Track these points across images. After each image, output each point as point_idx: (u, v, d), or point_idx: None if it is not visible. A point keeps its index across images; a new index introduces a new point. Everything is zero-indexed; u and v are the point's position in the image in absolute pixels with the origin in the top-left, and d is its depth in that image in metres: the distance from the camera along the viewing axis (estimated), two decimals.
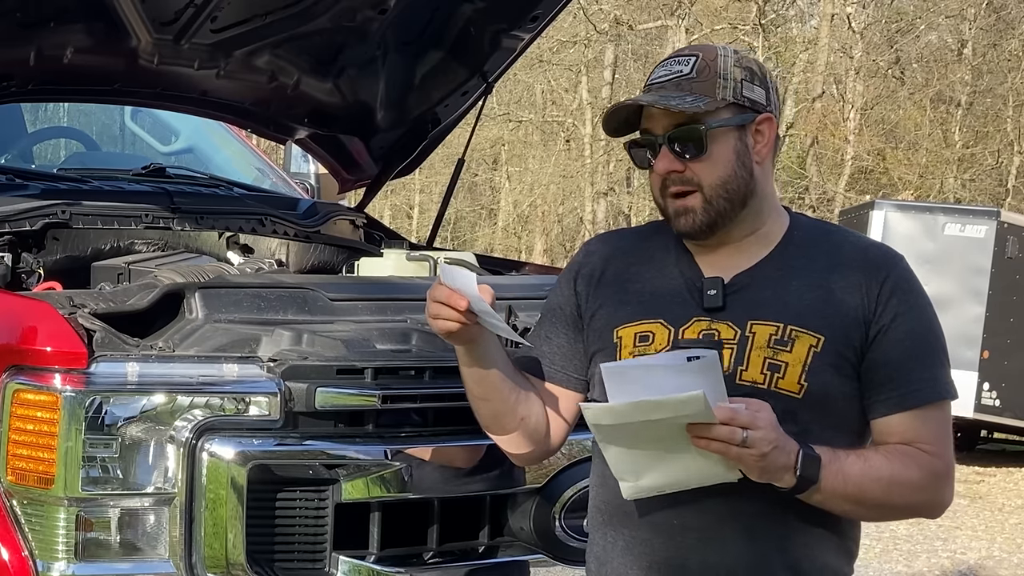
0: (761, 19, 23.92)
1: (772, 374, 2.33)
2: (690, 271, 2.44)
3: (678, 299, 2.41)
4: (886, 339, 2.34)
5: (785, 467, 2.23)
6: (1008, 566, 8.55)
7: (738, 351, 2.34)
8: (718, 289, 2.38)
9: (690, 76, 2.36)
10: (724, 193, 2.37)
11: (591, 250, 2.59)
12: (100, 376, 3.10)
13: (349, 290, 3.80)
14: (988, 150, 25.48)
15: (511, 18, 4.59)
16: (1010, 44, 24.95)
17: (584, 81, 25.65)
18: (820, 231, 2.49)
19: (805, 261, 2.41)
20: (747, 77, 2.39)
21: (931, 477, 2.37)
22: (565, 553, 3.52)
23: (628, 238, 2.63)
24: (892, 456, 2.34)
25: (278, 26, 4.43)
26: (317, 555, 3.25)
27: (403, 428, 3.38)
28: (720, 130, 2.36)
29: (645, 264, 2.49)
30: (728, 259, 2.42)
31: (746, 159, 2.38)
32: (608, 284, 2.51)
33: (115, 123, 5.87)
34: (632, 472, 2.28)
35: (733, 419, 2.17)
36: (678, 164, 2.37)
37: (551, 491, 3.50)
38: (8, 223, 4.02)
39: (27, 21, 4.13)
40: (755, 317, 2.35)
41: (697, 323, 2.38)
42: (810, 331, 2.33)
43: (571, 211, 26.63)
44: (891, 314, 2.35)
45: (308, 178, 5.69)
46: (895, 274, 2.39)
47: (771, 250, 2.43)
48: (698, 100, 2.34)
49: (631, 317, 2.44)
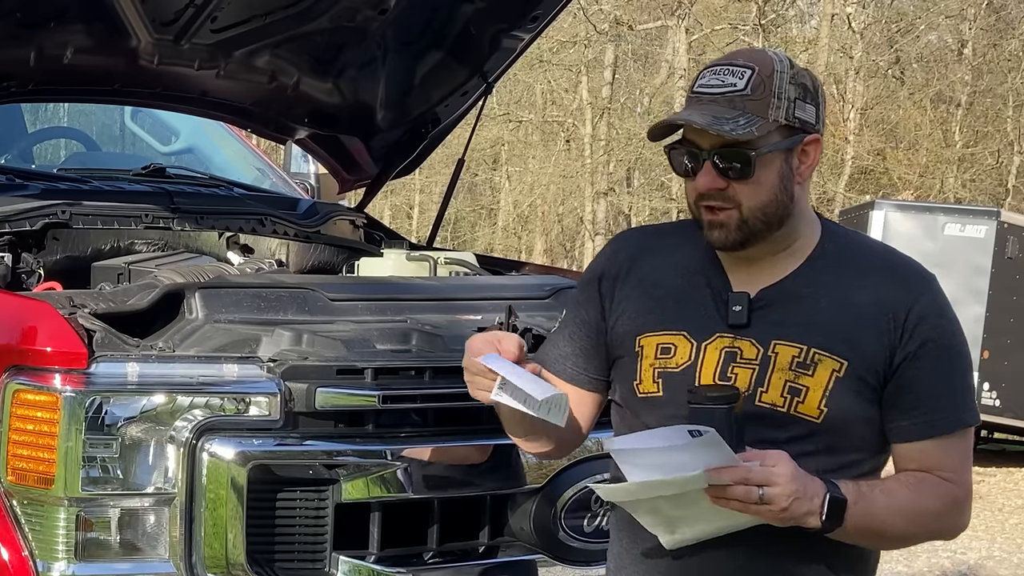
0: (761, 19, 23.91)
1: (792, 398, 2.28)
2: (717, 280, 2.38)
3: (702, 311, 2.36)
4: (911, 367, 2.29)
5: (809, 513, 2.18)
6: (1008, 566, 8.55)
7: (759, 372, 2.29)
8: (743, 305, 2.32)
9: (744, 93, 2.27)
10: (762, 216, 2.30)
11: (617, 249, 2.52)
12: (100, 376, 3.10)
13: (349, 290, 3.80)
14: (988, 150, 25.47)
15: (511, 18, 4.59)
16: (1010, 44, 24.95)
17: (584, 81, 25.64)
18: (850, 244, 2.42)
19: (833, 278, 2.34)
20: (800, 95, 2.30)
21: (951, 505, 2.34)
22: (565, 553, 3.52)
23: (656, 237, 2.54)
24: (913, 486, 2.30)
25: (278, 26, 4.43)
26: (317, 555, 3.25)
27: (403, 428, 3.38)
28: (768, 155, 2.28)
29: (672, 268, 2.42)
30: (757, 270, 2.36)
31: (788, 182, 2.31)
32: (633, 287, 2.44)
33: (115, 123, 5.87)
34: (665, 528, 2.26)
35: (747, 479, 2.13)
36: (721, 182, 2.29)
37: (551, 491, 3.50)
38: (8, 223, 4.02)
39: (27, 21, 4.13)
40: (779, 337, 2.30)
41: (720, 339, 2.32)
42: (834, 355, 2.28)
43: (571, 211, 26.62)
44: (918, 341, 2.29)
45: (308, 178, 5.68)
46: (925, 299, 2.33)
47: (800, 264, 2.36)
48: (751, 123, 2.25)
49: (654, 326, 2.38)
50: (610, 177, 25.25)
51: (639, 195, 26.17)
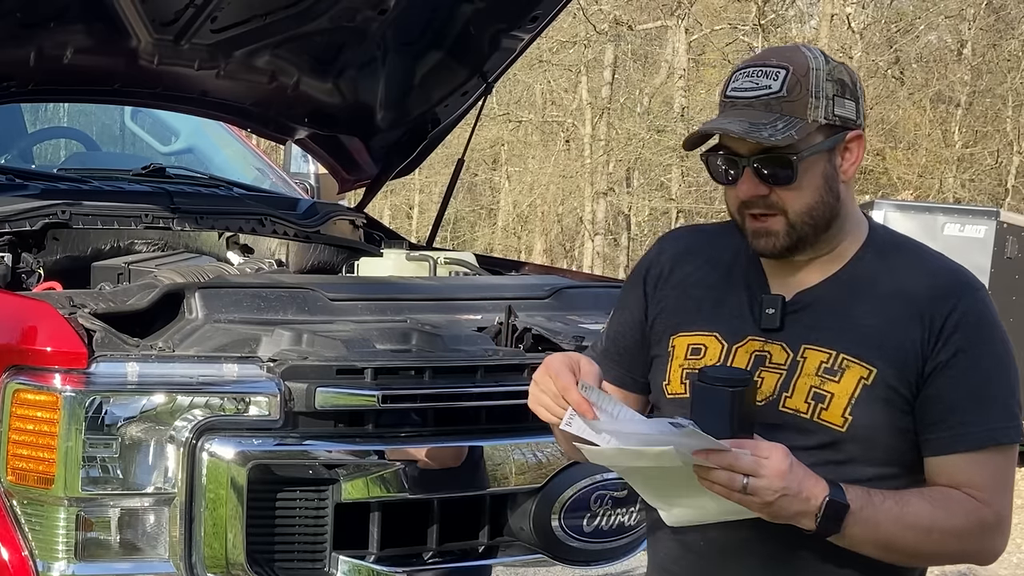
0: (761, 19, 23.90)
1: (816, 404, 2.21)
2: (756, 282, 2.32)
3: (737, 313, 2.30)
4: (942, 376, 2.18)
5: (802, 513, 2.10)
6: (1008, 566, 8.54)
7: (786, 377, 2.23)
8: (777, 309, 2.26)
9: (780, 95, 2.19)
10: (809, 220, 2.23)
11: (662, 249, 2.46)
12: (100, 376, 3.11)
13: (349, 290, 3.80)
14: (988, 150, 25.46)
15: (511, 18, 4.59)
16: (1010, 44, 24.94)
17: (584, 81, 25.62)
18: (893, 250, 2.32)
19: (871, 285, 2.26)
20: (838, 92, 2.23)
21: (976, 526, 2.19)
22: (565, 553, 3.52)
23: (702, 236, 2.47)
24: (935, 501, 2.18)
25: (278, 26, 4.43)
26: (317, 555, 3.25)
27: (403, 428, 3.39)
28: (810, 157, 2.20)
29: (713, 269, 2.37)
30: (798, 273, 2.29)
31: (833, 183, 2.24)
32: (673, 287, 2.39)
33: (115, 123, 5.88)
34: (663, 502, 2.23)
35: (732, 465, 2.06)
36: (763, 189, 2.21)
37: (551, 491, 3.50)
38: (8, 223, 4.02)
39: (27, 21, 4.14)
40: (809, 342, 2.23)
41: (751, 342, 2.27)
42: (863, 362, 2.20)
43: (571, 211, 26.60)
44: (952, 350, 2.18)
45: (308, 178, 5.69)
46: (963, 306, 2.21)
47: (841, 267, 2.29)
48: (789, 126, 2.17)
49: (688, 326, 2.34)
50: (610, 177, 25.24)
51: (639, 195, 26.16)
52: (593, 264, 23.94)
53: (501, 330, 3.62)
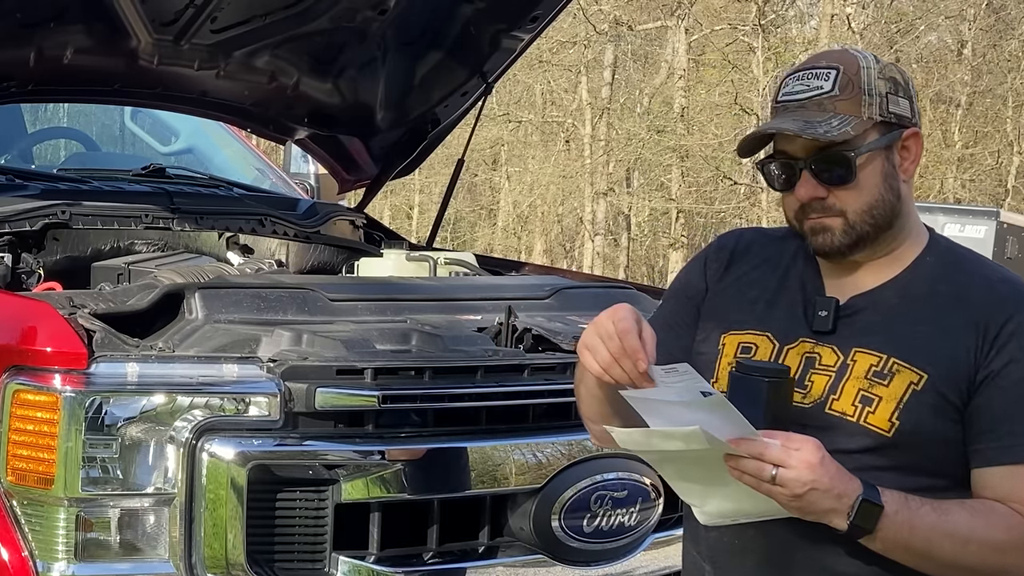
0: (761, 19, 23.91)
1: (863, 407, 2.17)
2: (812, 284, 2.30)
3: (791, 314, 2.28)
4: (994, 385, 2.14)
5: (833, 511, 2.06)
6: None
7: (835, 379, 2.20)
8: (830, 311, 2.24)
9: (832, 94, 2.17)
10: (870, 219, 2.20)
11: (723, 244, 2.44)
12: (100, 376, 3.10)
13: (349, 290, 3.80)
14: (988, 150, 25.48)
15: (511, 18, 4.60)
16: (1010, 44, 24.96)
17: (584, 81, 25.63)
18: (953, 258, 2.29)
19: (928, 291, 2.23)
20: (892, 89, 2.20)
21: (1020, 540, 2.14)
22: (565, 553, 3.52)
23: (762, 238, 2.45)
24: (977, 512, 2.13)
25: (278, 26, 4.44)
26: (317, 555, 3.25)
27: (403, 428, 3.38)
28: (868, 154, 2.18)
29: (771, 270, 2.35)
30: (853, 276, 2.27)
31: (893, 181, 2.21)
32: (729, 284, 2.37)
33: (115, 123, 5.88)
34: (697, 498, 2.21)
35: (762, 454, 2.03)
36: (821, 191, 2.19)
37: (551, 491, 3.49)
38: (8, 223, 4.03)
39: (27, 21, 4.14)
40: (861, 345, 2.20)
41: (803, 344, 2.25)
42: (914, 367, 2.16)
43: (571, 211, 26.61)
44: (1005, 359, 2.14)
45: (308, 178, 5.69)
46: (1020, 316, 2.17)
47: (898, 273, 2.26)
48: (844, 123, 2.15)
49: (741, 325, 2.31)
50: (609, 177, 25.25)
51: (639, 195, 26.17)
52: (593, 264, 23.95)
53: (501, 330, 3.62)
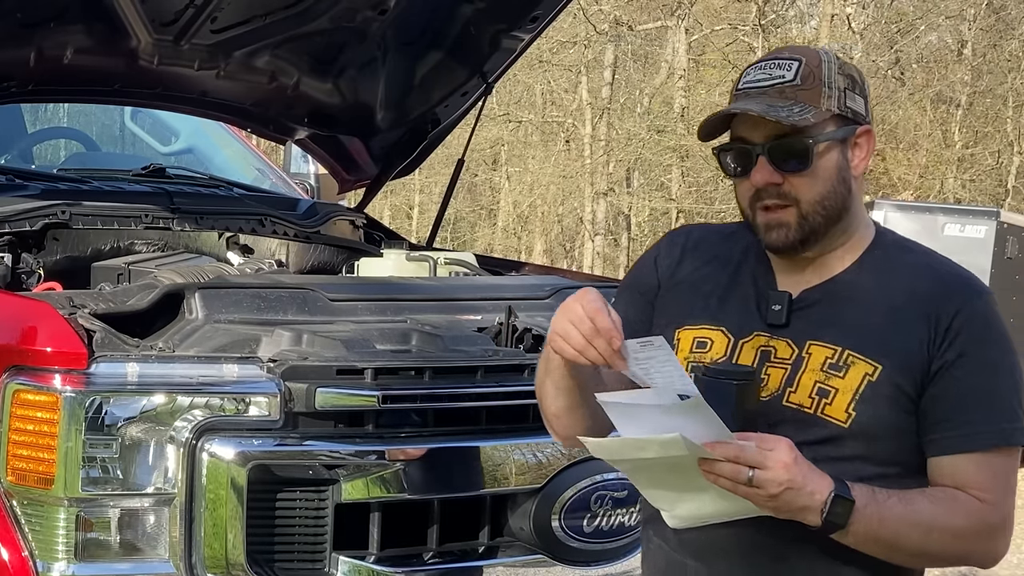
0: (761, 20, 23.91)
1: (820, 399, 2.21)
2: (764, 280, 2.33)
3: (744, 309, 2.31)
4: (948, 376, 2.19)
5: (807, 508, 2.10)
6: (1008, 566, 8.54)
7: (791, 372, 2.24)
8: (783, 305, 2.27)
9: (794, 83, 2.21)
10: (822, 210, 2.23)
11: (674, 241, 2.47)
12: (100, 376, 3.11)
13: (349, 290, 3.80)
14: (988, 150, 25.47)
15: (511, 18, 4.59)
16: (1010, 45, 24.94)
17: (584, 82, 25.62)
18: (900, 251, 2.33)
19: (879, 283, 2.27)
20: (849, 86, 2.25)
21: (979, 526, 2.19)
22: (565, 553, 3.52)
23: (712, 234, 2.48)
24: (937, 500, 2.18)
25: (278, 26, 4.44)
26: (317, 555, 3.26)
27: (403, 428, 3.39)
28: (825, 144, 2.22)
29: (722, 266, 2.38)
30: (804, 271, 2.30)
31: (845, 174, 2.25)
32: (682, 280, 2.40)
33: (115, 123, 5.88)
34: (667, 503, 2.22)
35: (738, 457, 2.06)
36: (777, 177, 2.22)
37: (551, 491, 3.50)
38: (8, 223, 4.03)
39: (27, 21, 4.14)
40: (815, 338, 2.24)
41: (757, 338, 2.28)
42: (868, 359, 2.20)
43: (571, 211, 26.60)
44: (957, 351, 2.19)
45: (308, 178, 5.69)
46: (969, 308, 2.22)
47: (848, 267, 2.30)
48: (805, 111, 2.19)
49: (695, 320, 2.34)
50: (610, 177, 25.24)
51: (639, 195, 26.16)
52: (593, 264, 23.94)
53: (501, 330, 3.62)
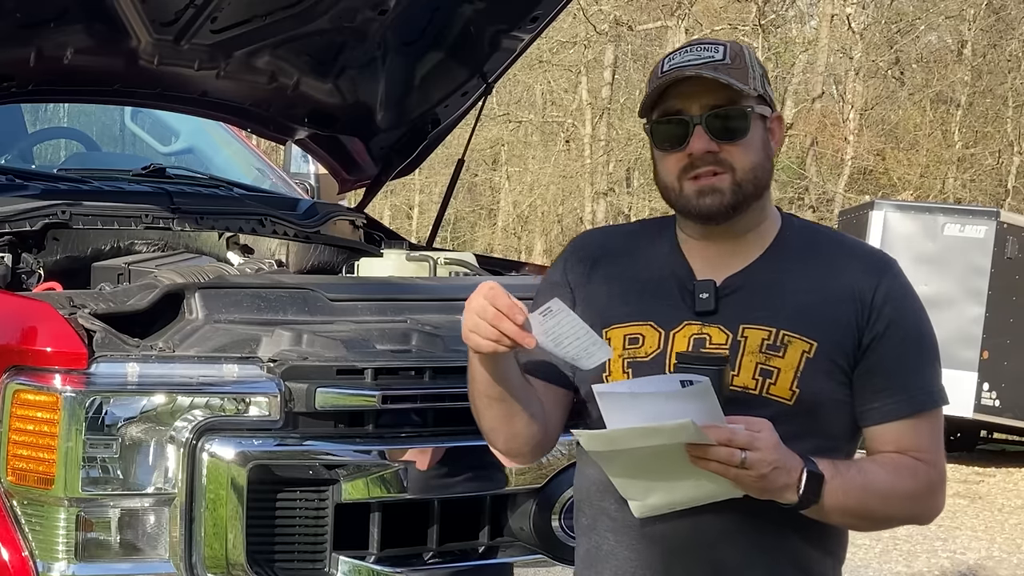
0: (761, 20, 23.93)
1: (764, 380, 2.28)
2: (681, 271, 2.39)
3: (669, 300, 2.36)
4: (880, 347, 2.30)
5: (786, 486, 2.19)
6: (1008, 566, 8.55)
7: (730, 356, 2.29)
8: (710, 292, 2.34)
9: (725, 62, 2.31)
10: (753, 178, 2.33)
11: (580, 245, 2.53)
12: (100, 376, 3.11)
13: (349, 290, 3.80)
14: (988, 150, 25.49)
15: (511, 19, 4.59)
16: (1010, 45, 24.96)
17: (584, 82, 25.65)
18: (811, 233, 2.46)
19: (799, 264, 2.36)
20: (764, 74, 2.38)
21: (926, 486, 2.33)
22: (565, 553, 3.52)
23: (617, 235, 2.57)
24: (888, 467, 2.30)
25: (278, 26, 4.43)
26: (317, 555, 3.26)
27: (403, 428, 3.39)
28: (754, 116, 2.33)
29: (635, 263, 2.43)
30: (720, 259, 2.37)
31: (768, 150, 2.37)
32: (597, 281, 2.44)
33: (115, 123, 5.88)
34: (640, 492, 2.25)
35: (731, 440, 2.12)
36: (714, 145, 2.30)
37: (551, 491, 3.50)
38: (8, 223, 4.02)
39: (27, 21, 4.14)
40: (747, 321, 2.31)
41: (688, 327, 2.33)
42: (803, 337, 2.29)
43: (571, 211, 26.63)
44: (885, 321, 2.31)
45: (308, 178, 5.69)
46: (888, 280, 2.35)
47: (764, 251, 2.38)
48: (740, 83, 2.30)
49: (621, 318, 2.38)
50: (610, 177, 25.26)
51: (639, 195, 26.18)
52: None
53: None
